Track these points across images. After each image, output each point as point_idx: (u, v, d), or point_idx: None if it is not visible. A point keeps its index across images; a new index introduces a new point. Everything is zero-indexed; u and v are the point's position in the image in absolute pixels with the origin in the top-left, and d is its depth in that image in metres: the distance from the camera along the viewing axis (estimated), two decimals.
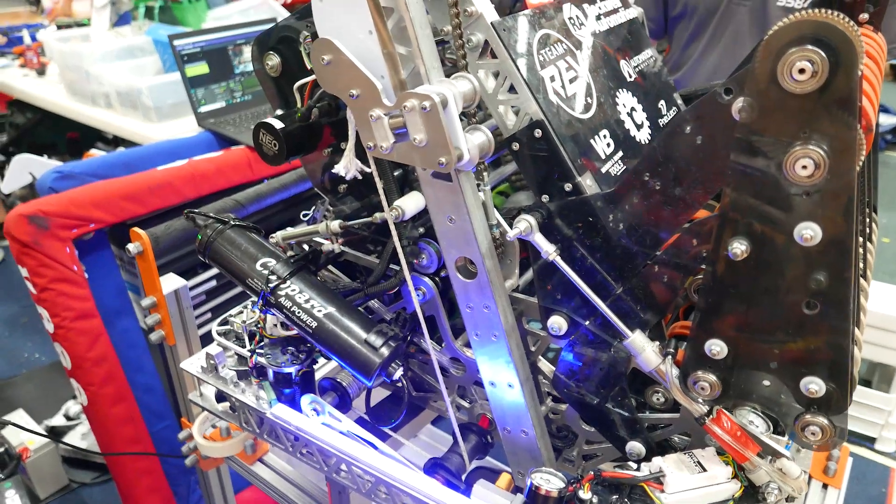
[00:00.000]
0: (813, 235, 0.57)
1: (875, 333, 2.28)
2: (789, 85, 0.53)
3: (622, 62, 0.98)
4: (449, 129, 0.67)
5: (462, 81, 0.70)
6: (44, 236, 1.46)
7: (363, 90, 0.71)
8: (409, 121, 0.68)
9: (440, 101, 0.66)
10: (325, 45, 0.71)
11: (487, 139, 0.72)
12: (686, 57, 1.92)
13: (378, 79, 0.70)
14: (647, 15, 1.96)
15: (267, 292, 0.88)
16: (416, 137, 0.68)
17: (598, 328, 0.78)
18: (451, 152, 0.67)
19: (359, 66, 0.70)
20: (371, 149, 0.73)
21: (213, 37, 2.10)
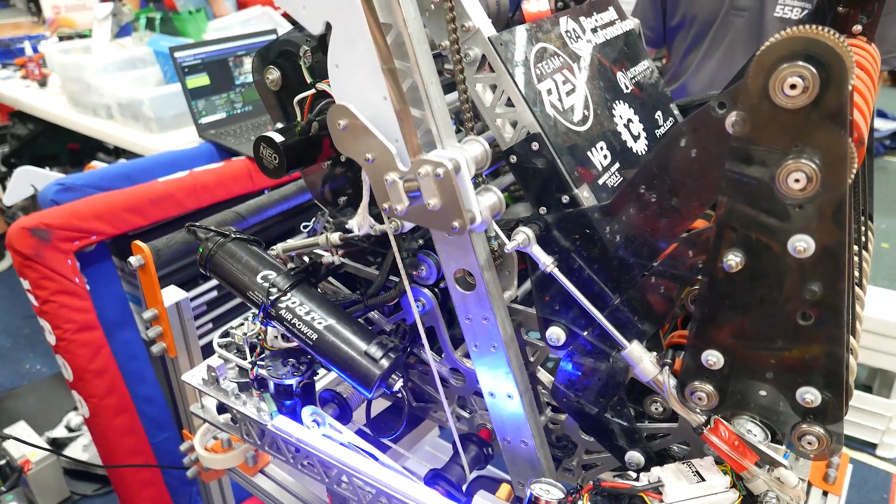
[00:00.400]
0: (806, 248, 0.58)
1: (875, 339, 2.28)
2: (781, 100, 0.54)
3: (619, 74, 0.99)
4: (462, 194, 0.69)
5: (474, 145, 0.73)
6: (46, 248, 1.46)
7: (378, 154, 0.73)
8: (423, 186, 0.70)
9: (453, 167, 0.68)
10: (342, 110, 0.74)
11: (498, 199, 0.74)
12: (685, 66, 1.94)
13: (392, 143, 0.72)
14: (645, 24, 1.98)
15: (268, 305, 0.89)
16: (429, 202, 0.70)
17: (596, 339, 0.79)
18: (465, 216, 0.70)
19: (374, 131, 0.73)
20: (386, 210, 0.75)
21: (213, 48, 2.12)
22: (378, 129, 0.72)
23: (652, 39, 2.03)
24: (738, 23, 1.78)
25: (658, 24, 2.00)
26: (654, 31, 2.01)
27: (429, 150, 0.71)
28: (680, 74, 1.96)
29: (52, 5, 5.24)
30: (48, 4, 5.25)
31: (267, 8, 3.13)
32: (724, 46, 1.83)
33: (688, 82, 1.94)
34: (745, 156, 0.59)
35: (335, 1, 0.71)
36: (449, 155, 0.69)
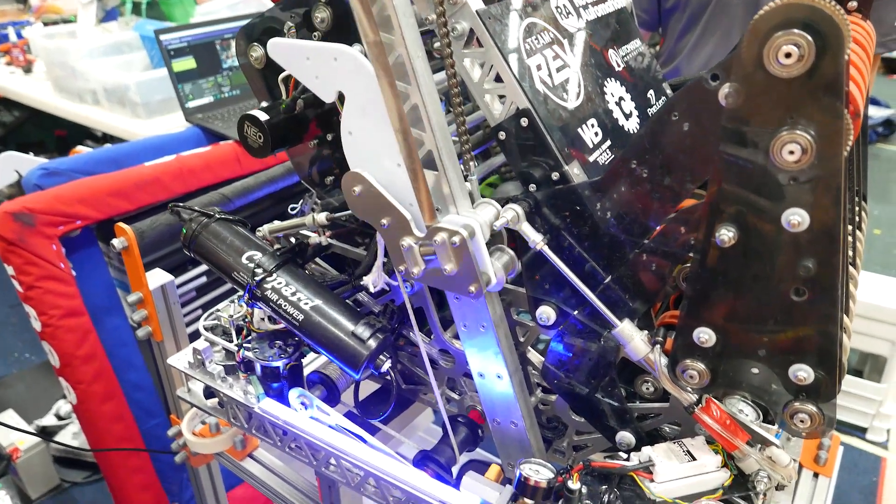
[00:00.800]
0: (801, 221, 0.56)
1: (866, 324, 2.29)
2: (775, 69, 0.53)
3: (610, 52, 0.97)
4: (477, 259, 0.70)
5: (486, 210, 0.73)
6: (30, 234, 1.44)
7: (394, 220, 0.74)
8: (439, 253, 0.71)
9: (468, 234, 0.69)
10: (356, 177, 0.75)
11: (511, 258, 0.76)
12: (679, 49, 1.92)
13: (407, 208, 0.73)
14: (640, 7, 1.96)
15: (253, 286, 0.87)
16: (445, 268, 0.71)
17: (586, 318, 0.78)
18: (480, 279, 0.71)
19: (389, 198, 0.73)
20: (402, 272, 0.77)
21: (200, 31, 2.08)
22: (392, 196, 0.73)
23: (646, 22, 2.01)
24: (734, 5, 1.77)
25: (653, 7, 1.98)
26: (648, 13, 1.99)
27: (443, 215, 0.72)
28: (674, 57, 1.94)
29: None
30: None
31: None
32: (720, 29, 1.81)
33: (682, 65, 1.92)
34: (738, 128, 0.58)
35: (349, 73, 0.72)
36: (463, 222, 0.70)
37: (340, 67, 0.74)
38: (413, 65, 0.68)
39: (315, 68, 0.78)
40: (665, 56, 1.98)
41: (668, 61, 1.95)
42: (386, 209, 0.74)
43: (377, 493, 0.86)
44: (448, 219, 0.72)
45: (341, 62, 0.74)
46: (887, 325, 2.28)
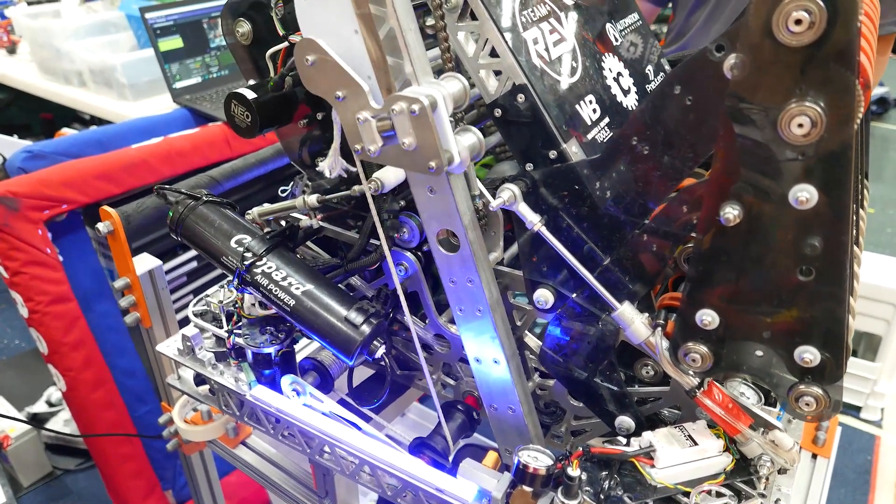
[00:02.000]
0: (809, 198, 0.54)
1: (860, 303, 2.28)
2: (785, 37, 0.50)
3: (608, 25, 0.94)
4: (439, 132, 0.65)
5: (452, 82, 0.68)
6: (14, 218, 1.41)
7: (349, 92, 0.68)
8: (397, 124, 0.65)
9: (429, 103, 0.63)
10: (310, 44, 0.69)
11: (478, 140, 0.70)
12: (689, 24, 1.85)
13: (365, 80, 0.68)
14: None
15: (242, 270, 0.85)
16: (404, 141, 0.66)
17: (585, 301, 0.76)
18: (441, 156, 0.65)
19: (344, 66, 0.68)
20: (358, 152, 0.71)
21: (186, 9, 2.03)
22: (349, 65, 0.67)
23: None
24: None
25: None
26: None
27: (403, 88, 0.66)
28: (684, 33, 1.87)
29: None
30: None
31: None
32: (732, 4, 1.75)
33: (692, 41, 1.86)
34: (744, 101, 0.55)
35: None
36: (425, 91, 0.64)
37: None
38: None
39: None
40: (675, 32, 1.92)
41: (678, 37, 1.89)
42: (341, 80, 0.68)
43: (372, 481, 0.85)
44: (409, 89, 0.66)
45: None
46: (882, 304, 2.28)
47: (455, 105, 0.67)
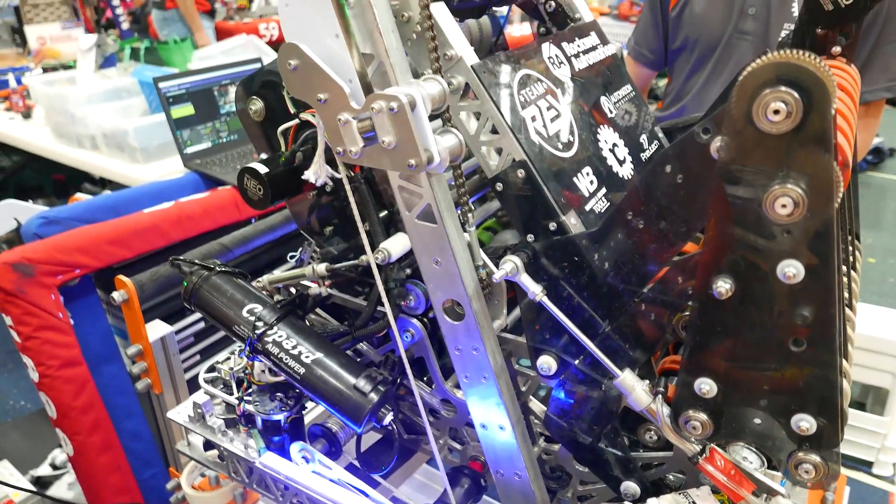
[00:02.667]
0: (795, 273, 0.57)
1: (867, 356, 2.28)
2: (764, 125, 0.54)
3: (602, 98, 0.99)
4: (417, 130, 0.66)
5: (431, 83, 0.69)
6: (28, 284, 1.44)
7: (331, 94, 0.70)
8: (377, 123, 0.67)
9: (408, 101, 0.65)
10: (292, 49, 0.71)
11: (459, 142, 0.71)
12: (687, 88, 1.91)
13: (346, 82, 0.69)
14: (647, 47, 1.98)
15: (254, 339, 0.87)
16: (384, 140, 0.67)
17: (587, 367, 0.78)
18: (421, 154, 0.66)
19: (326, 69, 0.69)
20: (340, 154, 0.72)
21: (197, 78, 2.11)
22: (330, 68, 0.69)
23: (653, 62, 2.01)
24: (743, 46, 1.76)
25: (659, 47, 1.97)
26: (655, 53, 1.99)
27: (383, 89, 0.68)
28: (682, 96, 1.94)
29: (36, 36, 5.25)
30: (33, 36, 5.26)
31: (252, 36, 3.15)
32: (729, 69, 1.80)
33: (689, 105, 1.91)
34: (730, 181, 0.58)
35: None
36: (404, 90, 0.66)
37: None
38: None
39: None
40: (672, 96, 1.98)
41: (675, 101, 1.95)
42: (322, 83, 0.70)
43: None
44: (388, 89, 0.67)
45: None
46: (887, 357, 2.28)
47: (435, 106, 0.69)
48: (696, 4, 1.83)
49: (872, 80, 1.60)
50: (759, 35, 1.72)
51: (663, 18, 1.93)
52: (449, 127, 0.71)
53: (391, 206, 0.90)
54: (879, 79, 1.59)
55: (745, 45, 1.75)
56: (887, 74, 1.59)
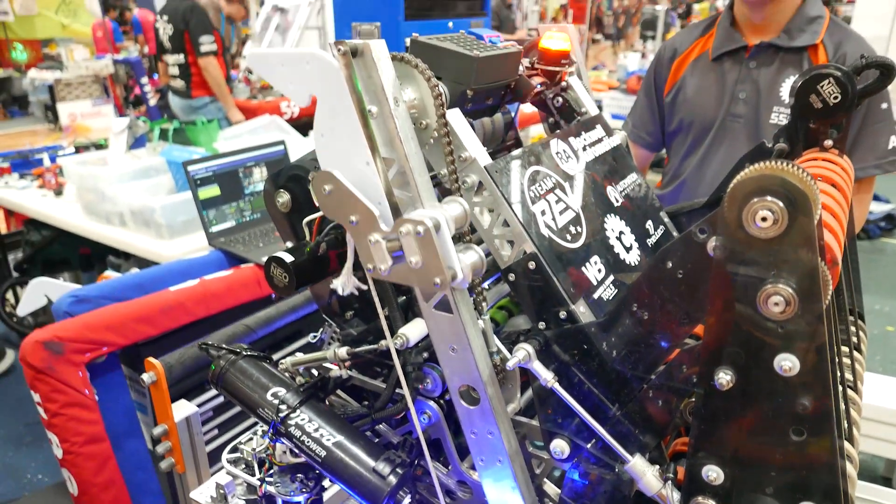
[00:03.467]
0: (791, 367, 0.61)
1: (891, 430, 2.25)
2: (754, 230, 0.59)
3: (609, 188, 1.05)
4: (442, 251, 0.71)
5: (453, 205, 0.76)
6: (58, 361, 1.49)
7: (362, 217, 0.76)
8: (405, 244, 0.73)
9: (433, 225, 0.71)
10: (327, 176, 0.78)
11: (480, 258, 0.76)
12: (684, 168, 1.98)
13: (375, 205, 0.76)
14: (644, 129, 2.07)
15: (277, 422, 0.91)
16: (411, 260, 0.73)
17: (599, 451, 0.80)
18: (445, 273, 0.72)
19: (357, 194, 0.76)
20: (370, 271, 0.78)
21: (224, 161, 2.22)
22: (361, 193, 0.76)
23: (650, 143, 2.09)
24: (736, 128, 1.83)
25: (656, 129, 2.05)
26: (652, 135, 2.07)
27: (410, 211, 0.74)
28: (680, 174, 2.00)
29: (68, 113, 5.51)
30: (64, 112, 5.53)
31: (274, 116, 3.30)
32: (723, 149, 1.87)
33: (688, 182, 1.98)
34: (726, 279, 0.63)
35: (319, 75, 0.76)
36: (429, 214, 0.72)
37: (311, 71, 0.78)
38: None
39: (290, 74, 0.82)
40: (671, 174, 2.05)
41: (674, 179, 2.02)
42: (355, 206, 0.76)
43: None
44: (414, 213, 0.73)
45: (312, 65, 0.78)
46: None
47: (457, 226, 0.75)
48: (689, 90, 1.91)
49: (862, 159, 1.66)
50: (750, 118, 1.80)
51: (658, 103, 2.02)
52: (470, 243, 0.77)
53: (409, 291, 0.95)
54: (868, 157, 1.66)
55: (738, 126, 1.83)
56: (875, 153, 1.66)
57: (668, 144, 2.06)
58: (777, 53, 1.76)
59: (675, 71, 1.95)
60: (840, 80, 0.95)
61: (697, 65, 1.91)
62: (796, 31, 1.72)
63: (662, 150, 2.14)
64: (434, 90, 0.81)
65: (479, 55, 0.88)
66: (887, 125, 1.65)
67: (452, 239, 0.74)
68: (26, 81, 8.71)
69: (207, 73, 4.55)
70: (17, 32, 9.44)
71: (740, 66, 1.81)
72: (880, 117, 1.65)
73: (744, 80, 1.80)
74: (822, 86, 0.96)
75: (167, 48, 4.70)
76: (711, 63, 1.87)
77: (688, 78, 1.92)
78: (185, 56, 4.62)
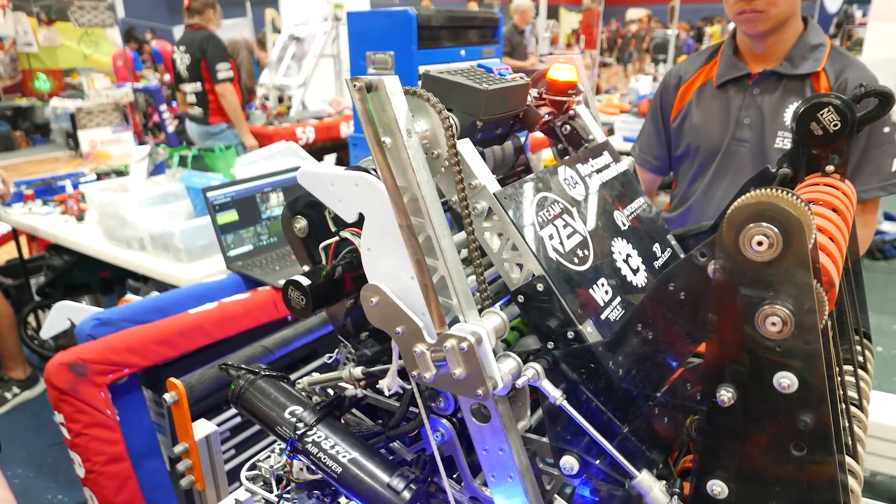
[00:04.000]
0: (790, 384, 0.63)
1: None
2: (750, 254, 0.62)
3: (616, 213, 1.08)
4: (485, 364, 0.77)
5: (493, 318, 0.81)
6: (81, 383, 1.54)
7: (407, 328, 0.82)
8: (449, 358, 0.78)
9: (476, 340, 0.76)
10: (374, 289, 0.84)
11: (517, 364, 0.81)
12: (692, 191, 2.01)
13: (419, 316, 0.81)
14: (651, 154, 2.10)
15: (295, 440, 0.94)
16: (455, 372, 0.78)
17: (607, 467, 0.83)
18: (487, 384, 0.77)
19: (403, 308, 0.82)
20: (415, 377, 0.83)
21: (242, 187, 2.28)
22: (406, 306, 0.81)
23: (658, 168, 2.12)
24: (742, 152, 1.86)
25: (663, 154, 2.09)
26: (659, 160, 2.10)
27: (452, 323, 0.79)
28: (687, 199, 2.03)
29: (88, 140, 5.64)
30: (85, 139, 5.66)
31: (290, 143, 3.37)
32: (730, 173, 1.90)
33: (695, 205, 2.00)
34: (725, 300, 0.66)
35: (368, 197, 0.82)
36: (471, 329, 0.77)
37: (361, 192, 0.84)
38: (440, 244, 0.79)
39: (338, 193, 0.87)
40: (679, 198, 2.08)
41: (681, 203, 2.05)
42: (400, 318, 0.81)
43: None
44: (457, 327, 0.78)
45: (361, 187, 0.84)
46: None
47: (497, 337, 0.80)
48: (695, 116, 1.95)
49: (866, 182, 1.69)
50: (755, 142, 1.83)
51: (665, 128, 2.05)
52: (506, 352, 0.82)
53: None
54: (872, 180, 1.69)
55: (743, 151, 1.85)
56: (879, 176, 1.68)
57: (675, 169, 2.09)
58: (780, 80, 1.79)
59: (681, 97, 1.99)
60: (839, 109, 0.98)
61: (703, 92, 1.95)
62: (798, 59, 1.76)
63: (670, 173, 2.17)
64: (445, 122, 0.85)
65: (488, 88, 0.92)
66: (890, 148, 1.68)
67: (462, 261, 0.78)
68: (48, 110, 8.94)
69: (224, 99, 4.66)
70: (42, 62, 9.71)
71: (744, 92, 1.85)
72: (883, 140, 1.67)
73: (748, 107, 1.83)
74: (822, 114, 0.99)
75: (184, 77, 4.83)
76: (716, 90, 1.91)
77: (693, 104, 1.96)
78: (202, 84, 4.74)
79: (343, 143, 5.63)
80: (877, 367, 3.54)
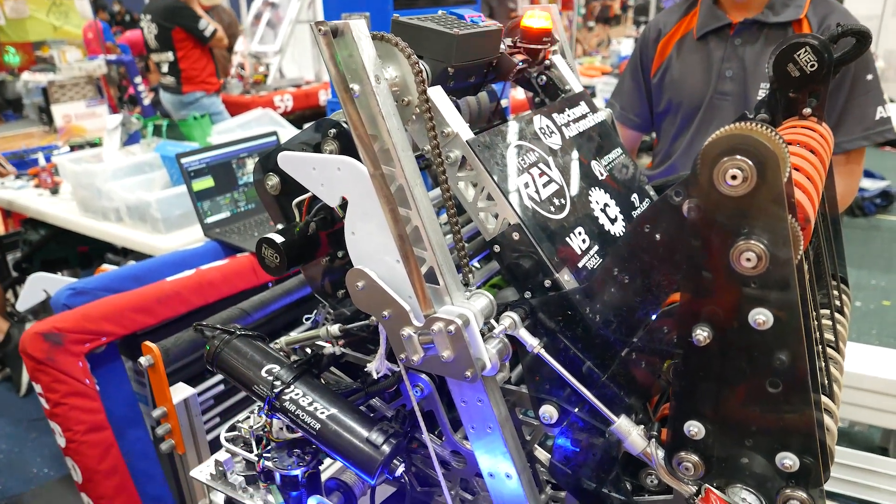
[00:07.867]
0: (765, 320, 0.62)
1: (886, 400, 2.27)
2: (725, 189, 0.61)
3: (593, 163, 1.06)
4: (472, 346, 0.77)
5: (480, 299, 0.80)
6: (58, 352, 1.51)
7: (394, 311, 0.81)
8: (437, 341, 0.78)
9: (463, 322, 0.76)
10: (359, 273, 0.82)
11: (504, 345, 0.81)
12: (675, 148, 1.99)
13: (406, 299, 0.80)
14: (633, 111, 2.07)
15: (272, 397, 0.93)
16: (443, 354, 0.78)
17: (587, 415, 0.82)
18: (475, 365, 0.77)
19: (389, 291, 0.80)
20: (403, 360, 0.83)
21: (217, 153, 2.24)
22: (392, 290, 0.80)
23: (640, 125, 2.09)
24: (725, 106, 1.83)
25: (645, 111, 2.05)
26: (641, 117, 2.07)
27: (439, 306, 0.78)
28: (670, 155, 2.01)
29: (62, 114, 5.51)
30: (59, 114, 5.53)
31: (267, 109, 3.31)
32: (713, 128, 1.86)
33: (678, 163, 1.99)
34: (700, 238, 0.65)
35: (350, 180, 0.80)
36: (458, 311, 0.76)
37: (343, 175, 0.82)
38: (412, 193, 0.77)
39: (321, 177, 0.86)
40: (661, 155, 2.05)
41: (664, 160, 2.03)
42: (387, 302, 0.80)
43: None
44: (444, 309, 0.78)
45: (344, 171, 0.82)
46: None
47: (485, 317, 0.79)
48: (675, 70, 1.92)
49: (850, 131, 1.68)
50: (738, 95, 1.80)
51: (646, 84, 2.02)
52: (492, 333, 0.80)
53: None
54: (856, 129, 1.68)
55: (726, 104, 1.83)
56: (863, 124, 1.67)
57: (657, 126, 2.06)
58: (761, 30, 1.77)
59: (661, 51, 1.96)
60: (816, 49, 0.96)
61: (683, 44, 1.91)
62: (780, 6, 1.73)
63: (652, 132, 2.14)
64: (414, 67, 0.82)
65: (459, 33, 0.90)
66: (873, 96, 1.67)
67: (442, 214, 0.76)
68: (20, 84, 8.69)
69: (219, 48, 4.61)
70: (9, 36, 9.41)
71: (725, 43, 1.82)
72: (866, 88, 1.66)
73: (730, 58, 1.81)
74: (799, 54, 0.97)
75: (153, 47, 4.70)
76: (696, 42, 1.88)
77: (674, 58, 1.93)
78: (173, 53, 4.63)
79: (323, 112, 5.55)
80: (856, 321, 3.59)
